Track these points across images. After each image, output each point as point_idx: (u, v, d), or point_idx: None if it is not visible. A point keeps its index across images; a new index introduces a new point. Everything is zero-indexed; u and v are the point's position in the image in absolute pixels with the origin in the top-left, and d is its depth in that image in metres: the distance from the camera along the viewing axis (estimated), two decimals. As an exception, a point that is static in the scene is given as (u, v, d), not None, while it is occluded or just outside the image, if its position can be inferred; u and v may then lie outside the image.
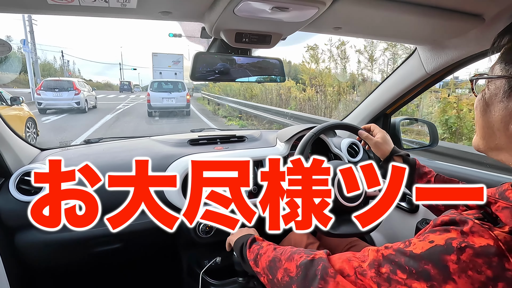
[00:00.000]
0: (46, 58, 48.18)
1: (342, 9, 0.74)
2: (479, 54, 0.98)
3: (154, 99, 10.53)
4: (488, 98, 0.47)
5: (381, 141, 0.89)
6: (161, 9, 0.72)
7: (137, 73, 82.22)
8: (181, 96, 10.92)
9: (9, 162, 1.00)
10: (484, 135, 0.49)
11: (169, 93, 10.77)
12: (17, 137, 1.08)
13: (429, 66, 1.11)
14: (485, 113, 0.48)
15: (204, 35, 0.89)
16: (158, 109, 10.82)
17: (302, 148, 0.90)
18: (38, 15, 0.73)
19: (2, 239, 0.94)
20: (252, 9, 0.68)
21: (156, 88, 10.83)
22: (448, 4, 0.76)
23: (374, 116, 1.45)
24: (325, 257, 0.55)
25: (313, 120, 6.44)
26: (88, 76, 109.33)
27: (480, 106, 0.49)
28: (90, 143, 1.35)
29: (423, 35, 0.97)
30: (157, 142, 1.34)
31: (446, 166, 1.23)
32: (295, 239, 1.07)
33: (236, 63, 0.93)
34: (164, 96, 10.65)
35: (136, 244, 1.15)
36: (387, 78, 1.35)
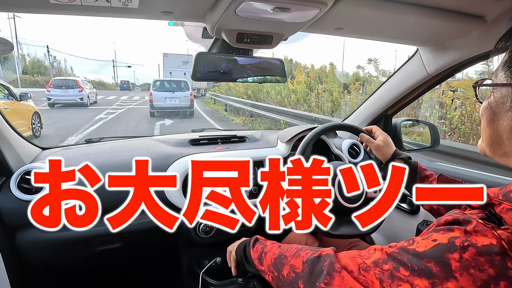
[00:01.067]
0: (36, 55, 47.36)
1: (343, 10, 0.74)
2: (481, 56, 0.98)
3: (157, 99, 10.23)
4: (495, 107, 0.47)
5: (382, 144, 0.89)
6: (162, 9, 0.72)
7: (131, 71, 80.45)
8: (185, 96, 10.64)
9: (10, 161, 1.00)
10: (492, 143, 0.49)
11: (172, 92, 10.50)
12: (18, 136, 1.08)
13: (430, 68, 1.11)
14: (492, 122, 0.47)
15: (206, 35, 0.89)
16: (161, 109, 10.52)
17: (303, 148, 0.90)
18: (40, 14, 0.73)
19: (2, 238, 0.94)
20: (253, 9, 0.68)
21: (159, 88, 10.58)
22: (450, 5, 0.76)
23: (376, 117, 1.45)
24: (332, 253, 0.55)
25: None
26: (82, 74, 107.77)
27: (487, 115, 0.48)
28: (91, 142, 1.36)
29: (424, 36, 0.97)
30: (158, 142, 1.34)
31: (448, 167, 1.23)
32: (295, 239, 1.07)
33: (238, 63, 0.93)
34: (167, 96, 10.37)
35: (136, 244, 1.15)
36: (388, 79, 1.34)
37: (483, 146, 0.51)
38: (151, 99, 10.21)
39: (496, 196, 0.44)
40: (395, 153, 0.88)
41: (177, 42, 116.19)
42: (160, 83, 10.92)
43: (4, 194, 0.95)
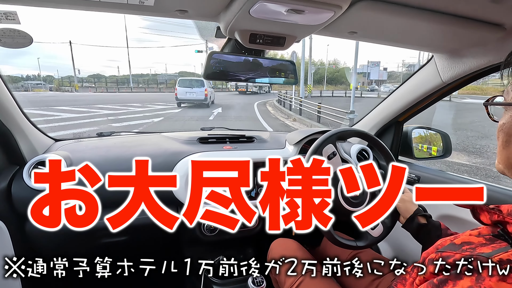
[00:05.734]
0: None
1: (358, 14, 0.73)
2: (498, 65, 0.96)
3: (180, 93, 14.11)
4: (508, 128, 0.45)
5: (408, 199, 0.88)
6: (177, 7, 0.73)
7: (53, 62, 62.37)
8: (200, 91, 14.23)
9: (24, 150, 1.03)
10: (509, 166, 0.48)
11: (191, 88, 14.23)
12: (33, 127, 1.11)
13: (445, 75, 1.09)
14: (508, 145, 0.46)
15: (219, 35, 0.89)
16: (183, 100, 14.37)
17: (317, 146, 0.91)
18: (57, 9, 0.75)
19: (14, 225, 0.97)
20: (267, 10, 0.68)
21: (182, 84, 14.39)
22: (467, 13, 0.74)
23: (386, 123, 1.43)
24: None
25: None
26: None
27: (501, 137, 0.47)
28: (102, 136, 1.38)
29: (440, 43, 0.95)
30: (168, 138, 1.36)
31: (459, 178, 1.20)
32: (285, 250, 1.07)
33: (250, 63, 0.93)
34: (187, 91, 14.16)
35: (141, 238, 1.17)
36: (401, 85, 1.32)
37: (500, 167, 0.50)
38: (176, 93, 14.17)
39: (509, 214, 0.43)
40: (418, 210, 0.87)
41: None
42: (182, 81, 14.65)
43: (17, 183, 0.98)
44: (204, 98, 14.28)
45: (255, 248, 1.41)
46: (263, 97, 20.67)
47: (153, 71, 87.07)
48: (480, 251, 0.42)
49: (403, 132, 1.44)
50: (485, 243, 0.46)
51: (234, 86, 31.17)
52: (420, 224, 0.83)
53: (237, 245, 1.38)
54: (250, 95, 26.42)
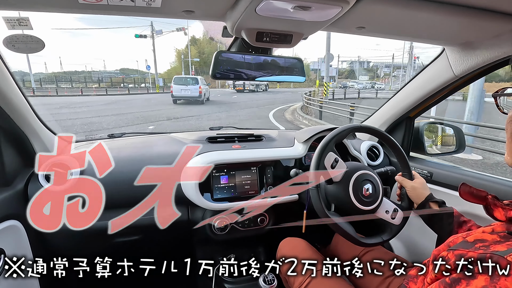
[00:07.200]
0: None
1: (366, 8, 0.72)
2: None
3: (176, 90, 14.89)
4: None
5: (419, 185, 0.89)
6: (184, 8, 0.73)
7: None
8: (195, 88, 15.00)
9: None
10: None
11: (186, 85, 14.99)
12: (47, 129, 1.14)
13: (457, 68, 1.06)
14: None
15: (225, 34, 0.89)
16: (178, 97, 14.98)
17: (326, 143, 0.92)
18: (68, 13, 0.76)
19: (31, 225, 1.00)
20: (274, 8, 0.68)
21: (177, 82, 15.20)
22: (480, 3, 0.72)
23: (397, 119, 1.40)
24: None
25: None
26: None
27: (510, 130, 0.46)
28: (113, 137, 1.41)
29: (452, 35, 0.93)
30: (177, 139, 1.37)
31: (472, 173, 1.17)
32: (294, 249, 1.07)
33: (257, 62, 0.93)
34: (182, 88, 14.92)
35: (154, 237, 1.18)
36: (412, 79, 1.30)
37: (509, 160, 0.49)
38: (172, 90, 14.95)
39: None
40: (430, 196, 0.87)
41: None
42: (178, 79, 15.55)
43: (33, 184, 1.01)
44: (199, 95, 15.00)
45: (266, 247, 1.42)
46: (267, 97, 19.77)
47: (90, 68, 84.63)
48: (495, 249, 0.41)
49: (414, 128, 1.41)
50: (499, 240, 0.45)
51: (232, 84, 30.85)
52: (432, 210, 0.83)
53: (247, 244, 1.38)
54: (248, 93, 25.94)
